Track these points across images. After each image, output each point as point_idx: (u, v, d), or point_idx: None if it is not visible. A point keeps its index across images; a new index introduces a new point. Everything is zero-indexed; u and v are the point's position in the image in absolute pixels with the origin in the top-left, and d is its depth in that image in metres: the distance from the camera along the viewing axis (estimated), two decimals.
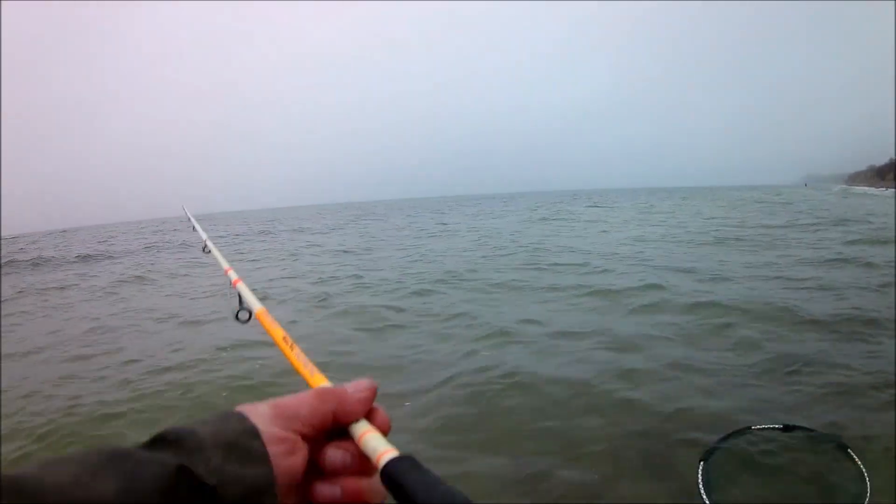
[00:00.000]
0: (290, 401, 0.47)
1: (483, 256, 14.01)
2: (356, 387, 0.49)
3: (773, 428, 3.46)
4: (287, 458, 0.43)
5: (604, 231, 20.94)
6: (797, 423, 3.45)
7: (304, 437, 0.46)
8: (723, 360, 5.33)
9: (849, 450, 2.80)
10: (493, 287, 9.66)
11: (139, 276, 14.69)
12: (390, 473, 0.49)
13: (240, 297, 1.33)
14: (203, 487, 0.38)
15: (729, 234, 16.72)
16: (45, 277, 16.88)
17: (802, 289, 8.23)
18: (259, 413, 0.45)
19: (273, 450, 0.43)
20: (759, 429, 3.45)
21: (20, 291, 13.61)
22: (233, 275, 1.50)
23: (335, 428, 0.48)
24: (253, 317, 1.28)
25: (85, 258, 22.61)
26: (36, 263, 21.73)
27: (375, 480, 0.45)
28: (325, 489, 0.46)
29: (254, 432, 0.42)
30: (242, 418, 0.43)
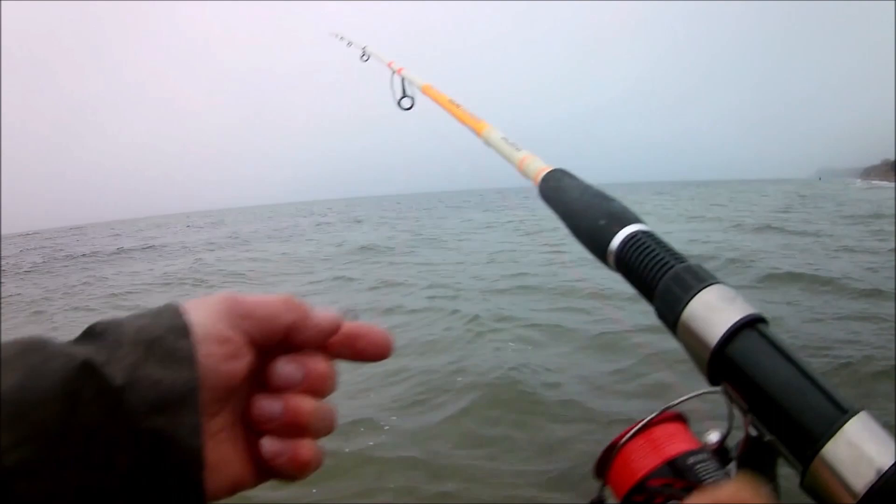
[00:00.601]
0: (249, 298, 0.40)
1: None
2: (325, 311, 0.42)
3: None
4: (226, 362, 0.37)
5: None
6: None
7: (254, 343, 0.39)
8: None
9: None
10: None
11: None
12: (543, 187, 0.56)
13: (403, 83, 1.41)
14: (109, 387, 0.33)
15: None
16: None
17: None
18: (207, 306, 0.39)
19: (212, 350, 0.37)
20: None
21: None
22: (395, 65, 1.57)
23: (289, 343, 0.41)
24: (415, 103, 1.36)
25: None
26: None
27: (326, 407, 0.40)
28: (265, 404, 0.39)
29: (183, 330, 0.36)
30: (177, 314, 0.37)
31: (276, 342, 0.40)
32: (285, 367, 0.40)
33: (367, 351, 0.42)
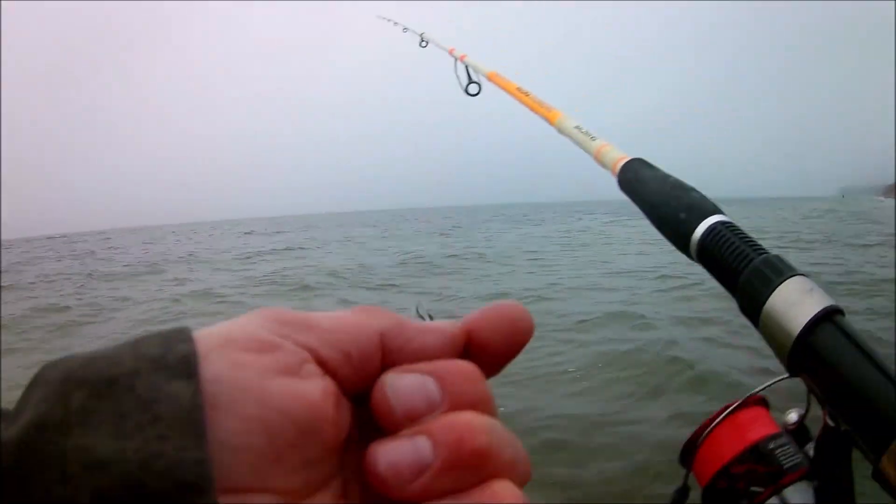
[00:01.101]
0: (309, 314, 0.24)
1: None
2: (436, 323, 0.26)
3: None
4: (278, 377, 0.21)
5: None
6: None
7: (329, 367, 0.23)
8: None
9: None
10: None
11: None
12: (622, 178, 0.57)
13: (467, 70, 1.42)
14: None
15: None
16: None
17: None
18: (238, 319, 0.23)
19: (243, 359, 0.21)
20: None
21: None
22: (457, 52, 1.58)
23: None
24: (482, 89, 1.38)
25: None
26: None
27: (501, 428, 0.23)
28: (392, 449, 0.21)
29: (185, 365, 0.19)
30: (177, 340, 0.20)
31: (368, 372, 0.23)
32: (402, 380, 0.22)
33: (504, 332, 0.26)
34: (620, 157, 0.61)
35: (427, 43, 2.19)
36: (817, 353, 0.40)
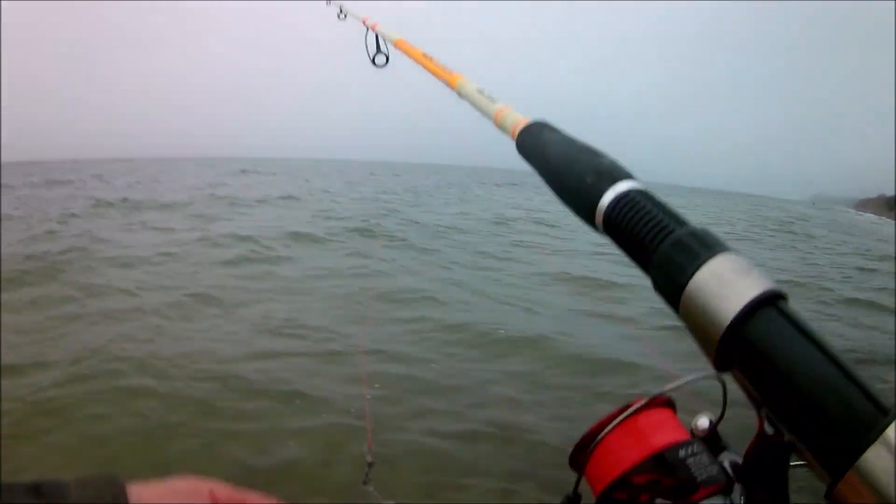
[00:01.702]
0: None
1: None
2: None
3: None
4: None
5: None
6: None
7: None
8: None
9: None
10: None
11: None
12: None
13: (377, 39, 1.32)
14: None
15: None
16: None
17: None
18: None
19: None
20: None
21: None
22: (370, 21, 1.47)
23: None
24: (389, 61, 1.28)
25: None
26: None
27: None
28: None
29: None
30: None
31: None
32: None
33: None
34: (521, 120, 0.52)
35: (346, 15, 2.07)
36: (754, 344, 0.31)
